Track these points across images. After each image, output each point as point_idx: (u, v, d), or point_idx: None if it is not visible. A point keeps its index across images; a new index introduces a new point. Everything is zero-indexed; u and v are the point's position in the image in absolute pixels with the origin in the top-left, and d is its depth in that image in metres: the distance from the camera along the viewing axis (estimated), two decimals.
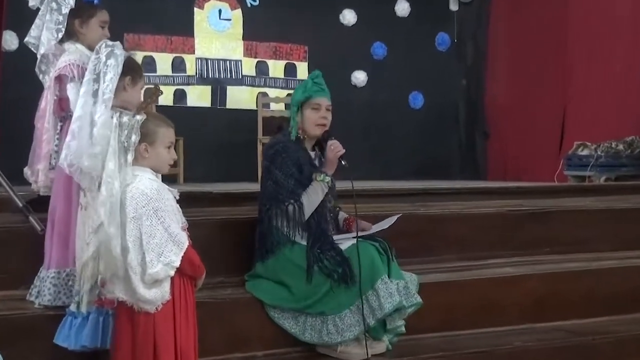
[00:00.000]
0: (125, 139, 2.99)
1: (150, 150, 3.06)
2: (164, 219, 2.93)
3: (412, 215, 4.47)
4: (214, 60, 7.49)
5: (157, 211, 2.93)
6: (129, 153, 3.00)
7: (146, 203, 2.92)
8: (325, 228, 3.81)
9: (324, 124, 3.88)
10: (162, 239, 2.92)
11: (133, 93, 3.36)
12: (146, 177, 3.01)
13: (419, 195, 4.91)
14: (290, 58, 7.82)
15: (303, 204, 3.75)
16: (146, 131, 3.04)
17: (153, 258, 2.90)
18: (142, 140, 3.02)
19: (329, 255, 3.67)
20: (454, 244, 4.58)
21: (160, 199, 2.96)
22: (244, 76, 7.61)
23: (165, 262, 2.91)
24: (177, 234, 2.96)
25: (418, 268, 4.14)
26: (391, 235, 3.91)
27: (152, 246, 2.90)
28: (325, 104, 3.89)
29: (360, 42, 8.06)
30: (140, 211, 2.92)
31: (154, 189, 2.97)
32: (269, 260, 3.78)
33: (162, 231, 2.92)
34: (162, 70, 7.24)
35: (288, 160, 3.79)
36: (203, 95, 7.44)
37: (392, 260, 3.74)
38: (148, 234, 2.90)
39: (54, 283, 3.40)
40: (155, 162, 3.08)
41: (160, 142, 3.09)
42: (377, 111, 8.10)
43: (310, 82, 3.90)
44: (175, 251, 2.94)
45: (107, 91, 3.14)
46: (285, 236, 3.75)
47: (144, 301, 2.92)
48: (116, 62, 3.21)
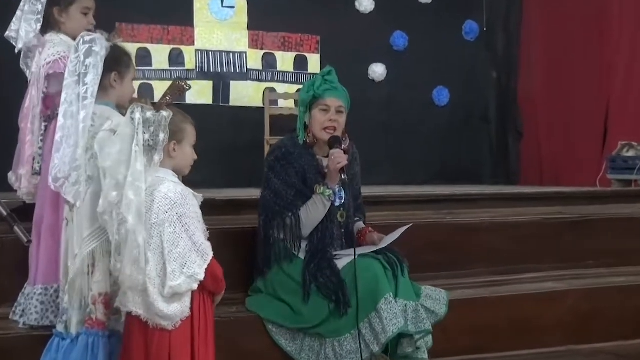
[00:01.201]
0: (151, 137, 3.00)
1: (178, 149, 3.09)
2: (188, 227, 2.96)
3: (438, 225, 4.48)
4: (215, 53, 7.50)
5: (182, 217, 2.96)
6: (156, 153, 3.01)
7: (170, 208, 2.95)
8: (327, 244, 3.81)
9: (332, 128, 3.86)
10: (185, 249, 2.94)
11: (123, 89, 3.38)
12: (169, 180, 3.04)
13: (446, 202, 4.92)
14: (301, 50, 7.82)
15: (301, 217, 3.76)
16: (175, 128, 3.08)
17: (175, 269, 2.92)
18: (170, 139, 3.05)
19: (325, 275, 3.67)
20: (485, 256, 4.58)
21: (185, 204, 2.99)
22: (249, 70, 7.61)
23: (188, 274, 2.94)
24: (201, 243, 2.99)
25: (445, 283, 4.14)
26: (414, 247, 3.91)
27: (174, 256, 2.93)
28: (335, 105, 3.87)
29: (379, 32, 8.05)
30: (162, 217, 2.94)
31: (179, 192, 3.00)
32: (267, 275, 3.82)
33: (187, 240, 2.95)
34: (158, 63, 7.25)
35: (289, 168, 3.80)
36: (203, 92, 7.44)
37: (401, 276, 3.70)
38: (171, 242, 2.93)
39: (41, 300, 3.40)
40: (181, 162, 3.13)
41: (188, 140, 3.15)
42: (398, 109, 8.08)
43: (320, 79, 3.89)
44: (199, 263, 2.97)
45: (89, 95, 3.17)
46: (283, 250, 3.78)
47: (162, 316, 2.94)
48: (95, 60, 3.22)
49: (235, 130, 7.43)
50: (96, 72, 3.21)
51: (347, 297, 3.59)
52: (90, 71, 3.20)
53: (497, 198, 5.15)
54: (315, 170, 3.86)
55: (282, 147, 3.89)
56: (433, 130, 8.19)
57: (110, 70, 3.30)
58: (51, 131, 3.48)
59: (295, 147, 3.87)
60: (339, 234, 3.92)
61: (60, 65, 3.46)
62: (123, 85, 3.37)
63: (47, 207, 3.43)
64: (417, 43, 8.17)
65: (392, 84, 8.12)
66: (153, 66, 7.23)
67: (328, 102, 3.86)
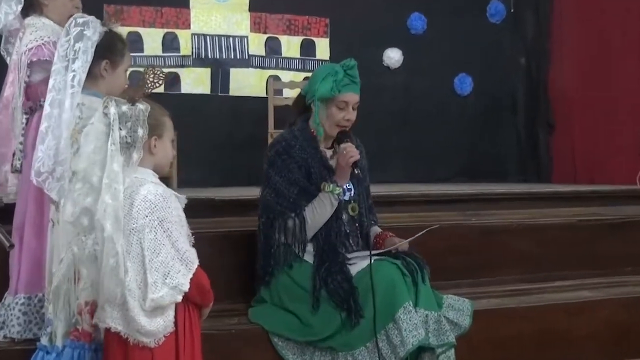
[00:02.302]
0: (128, 134, 3.00)
1: (159, 144, 3.09)
2: (170, 232, 2.95)
3: (461, 227, 4.49)
4: (213, 37, 7.50)
5: (163, 222, 2.95)
6: (135, 150, 3.01)
7: (150, 212, 2.94)
8: (335, 244, 3.82)
9: (345, 126, 3.91)
10: (168, 257, 2.93)
11: (114, 79, 3.39)
12: (149, 180, 3.03)
13: (470, 202, 4.93)
14: (308, 33, 7.82)
15: (306, 218, 3.77)
16: (154, 122, 3.07)
17: (157, 279, 2.91)
18: (150, 134, 3.04)
19: (336, 280, 3.68)
20: (513, 262, 4.59)
21: (167, 207, 2.98)
22: (251, 56, 7.61)
23: (171, 285, 2.93)
24: (185, 250, 2.98)
25: (469, 292, 4.16)
26: (435, 252, 3.91)
27: (156, 265, 2.91)
28: (353, 101, 3.90)
29: (394, 13, 8.04)
30: (142, 222, 2.93)
31: (159, 194, 2.99)
32: (270, 282, 3.83)
33: (169, 247, 2.94)
34: (150, 49, 7.26)
35: (291, 163, 3.82)
36: (201, 80, 7.45)
37: (422, 282, 3.70)
38: (152, 250, 2.92)
39: (24, 311, 3.42)
40: (162, 159, 3.12)
41: (167, 134, 3.13)
42: (415, 98, 8.08)
43: (342, 73, 3.89)
44: (183, 272, 2.95)
45: (75, 83, 3.20)
46: (284, 254, 3.79)
47: (143, 332, 2.93)
48: (86, 45, 3.24)
49: (236, 122, 7.43)
50: (85, 59, 3.22)
51: (359, 306, 3.60)
52: (79, 57, 3.21)
53: (526, 197, 5.16)
54: (320, 164, 3.88)
55: (282, 140, 3.91)
56: (454, 122, 8.18)
57: (101, 57, 3.31)
58: (33, 124, 3.49)
59: (295, 139, 3.90)
60: (353, 230, 3.93)
61: (44, 51, 3.47)
62: (114, 76, 3.38)
63: (30, 207, 3.45)
64: (437, 26, 8.16)
65: (409, 71, 8.11)
66: (145, 52, 7.24)
67: (347, 98, 3.88)
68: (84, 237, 3.00)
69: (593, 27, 7.70)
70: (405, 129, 8.03)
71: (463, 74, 8.32)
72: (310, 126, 3.92)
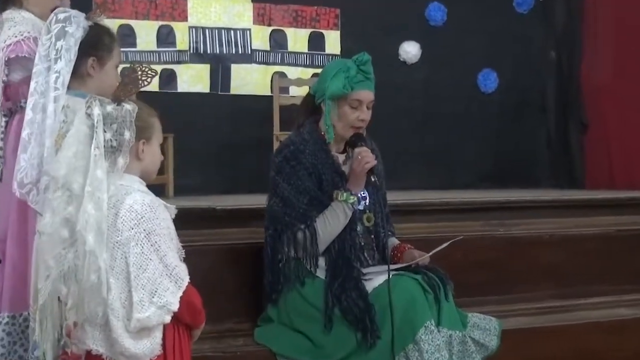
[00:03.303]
0: (113, 137, 2.99)
1: (147, 149, 3.09)
2: (158, 246, 2.94)
3: (488, 238, 4.48)
4: (213, 30, 7.51)
5: (151, 235, 2.94)
6: (121, 155, 3.00)
7: (136, 223, 2.93)
8: (350, 257, 3.81)
9: (360, 128, 3.91)
10: (155, 273, 2.92)
11: (103, 77, 3.39)
12: (135, 188, 3.02)
13: (496, 210, 4.92)
14: (317, 26, 7.82)
15: (317, 230, 3.77)
16: (142, 124, 3.06)
17: (144, 298, 2.90)
18: (138, 137, 3.03)
19: (350, 297, 3.68)
20: (545, 276, 4.59)
21: (155, 219, 2.97)
22: (254, 51, 7.62)
23: (159, 304, 2.92)
24: (174, 266, 2.97)
25: (496, 310, 4.15)
26: (458, 266, 3.91)
27: (142, 282, 2.91)
28: (367, 100, 3.91)
29: (411, 3, 8.03)
30: (127, 234, 2.92)
31: (146, 204, 2.98)
32: (279, 300, 3.83)
33: (157, 262, 2.93)
34: (143, 44, 7.26)
35: (300, 169, 3.82)
36: (199, 77, 7.45)
37: (445, 300, 3.71)
38: (138, 266, 2.91)
39: (8, 331, 3.42)
40: (150, 164, 3.12)
41: (156, 137, 3.13)
42: (435, 97, 8.07)
43: (355, 68, 3.89)
44: (172, 290, 2.95)
45: (59, 85, 3.21)
46: (295, 270, 3.79)
47: (128, 355, 2.92)
48: (68, 43, 3.24)
49: (238, 124, 7.43)
50: (69, 58, 3.22)
51: (376, 326, 3.60)
52: (62, 56, 3.22)
53: (559, 205, 5.15)
54: (331, 170, 3.89)
55: (290, 144, 3.92)
56: (478, 123, 8.17)
57: (87, 55, 3.31)
58: (13, 127, 3.50)
59: (305, 143, 3.90)
60: (368, 242, 3.93)
61: (23, 47, 3.48)
62: (103, 74, 3.39)
63: (13, 218, 3.45)
64: (458, 16, 8.16)
65: (428, 67, 8.10)
66: (137, 47, 7.24)
67: (361, 96, 3.88)
68: (64, 251, 2.99)
69: (630, 16, 7.69)
70: (424, 130, 8.02)
71: (487, 69, 8.31)
72: (321, 128, 3.92)
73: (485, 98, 8.32)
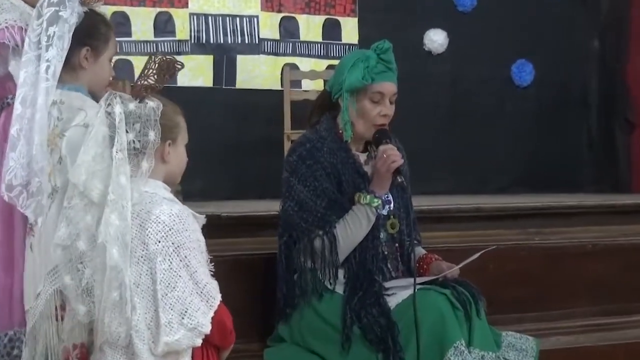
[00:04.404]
0: (136, 138, 3.00)
1: (173, 150, 3.10)
2: (188, 261, 2.96)
3: (524, 248, 4.48)
4: (216, 17, 7.52)
5: (180, 248, 2.95)
6: (145, 158, 3.01)
7: (163, 236, 2.94)
8: (371, 269, 3.81)
9: (382, 125, 3.91)
10: (185, 291, 2.94)
11: (97, 70, 3.41)
12: (161, 195, 3.03)
13: (533, 217, 4.93)
14: (332, 12, 7.83)
15: (337, 237, 3.77)
16: (168, 123, 3.07)
17: (172, 319, 2.91)
18: (163, 138, 3.04)
19: (371, 314, 3.68)
20: (588, 290, 4.58)
21: (184, 231, 2.98)
22: (263, 40, 7.63)
23: (190, 326, 2.93)
24: (205, 283, 2.99)
25: (533, 328, 4.17)
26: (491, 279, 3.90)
27: (171, 301, 2.92)
28: (390, 93, 3.90)
29: None
30: (154, 248, 2.93)
31: (174, 214, 2.99)
32: (291, 317, 3.84)
33: (187, 279, 2.95)
34: (139, 33, 7.28)
35: (318, 169, 3.83)
36: (201, 70, 7.47)
37: (476, 317, 3.70)
38: (166, 283, 2.92)
39: None
40: (176, 167, 3.15)
41: (182, 138, 3.16)
42: (463, 91, 8.08)
43: (375, 58, 3.89)
44: (203, 310, 2.97)
45: (49, 76, 3.20)
46: (313, 282, 3.79)
47: None
48: (62, 30, 3.24)
49: (244, 122, 7.44)
50: (62, 46, 3.22)
51: (399, 346, 3.59)
52: (53, 43, 3.22)
53: (602, 212, 5.14)
54: (352, 170, 3.89)
55: (306, 142, 3.92)
56: (512, 120, 8.18)
57: (81, 44, 3.32)
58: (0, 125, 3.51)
59: (322, 140, 3.90)
60: (392, 251, 3.93)
61: (6, 35, 3.48)
62: (97, 66, 3.39)
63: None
64: (490, 1, 8.16)
65: (456, 58, 8.10)
66: (133, 36, 7.26)
67: (383, 88, 3.88)
68: (81, 265, 2.99)
69: None
70: (452, 128, 8.02)
71: (522, 60, 8.31)
72: (339, 125, 3.92)
73: (520, 92, 8.31)
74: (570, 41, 8.37)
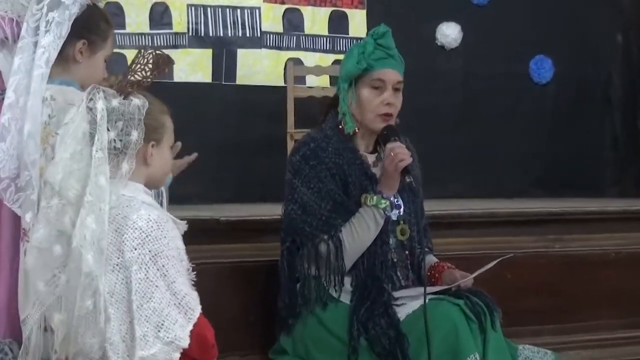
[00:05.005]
0: (118, 137, 2.98)
1: (156, 152, 3.08)
2: (166, 270, 2.94)
3: (542, 256, 4.48)
4: (216, 9, 7.52)
5: (157, 257, 2.93)
6: (126, 159, 2.99)
7: (140, 243, 2.92)
8: (380, 277, 3.81)
9: (388, 114, 3.88)
10: (162, 302, 2.92)
11: (91, 66, 3.41)
12: (140, 200, 3.02)
13: (551, 223, 4.93)
14: (338, 4, 7.83)
15: (343, 241, 3.77)
16: (153, 123, 3.06)
17: (148, 332, 2.90)
18: (147, 138, 3.02)
19: (379, 325, 3.67)
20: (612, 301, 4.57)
21: (162, 238, 2.96)
22: (265, 33, 7.63)
23: (166, 340, 2.91)
24: (184, 294, 2.96)
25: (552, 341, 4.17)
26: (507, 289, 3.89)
27: (147, 313, 2.90)
28: (393, 80, 3.89)
29: None
30: (129, 256, 2.92)
31: (153, 220, 2.97)
32: (294, 328, 3.83)
33: (164, 289, 2.93)
34: (134, 25, 7.28)
35: (322, 170, 3.83)
36: (199, 65, 7.47)
37: (491, 329, 3.70)
38: (142, 294, 2.90)
39: None
40: (159, 170, 3.13)
41: (167, 139, 3.14)
42: (478, 88, 8.07)
43: (372, 43, 3.90)
44: (181, 322, 2.94)
45: (42, 63, 3.20)
46: (317, 290, 3.80)
47: None
48: (62, 17, 3.24)
49: (245, 120, 7.44)
50: (59, 33, 3.23)
51: (409, 359, 3.59)
52: (51, 30, 3.22)
53: (626, 217, 5.14)
54: (359, 171, 3.89)
55: (310, 141, 3.93)
56: (530, 119, 8.18)
57: (78, 36, 3.32)
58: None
59: (328, 140, 3.90)
60: (401, 259, 3.93)
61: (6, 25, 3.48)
62: (91, 62, 3.40)
63: None
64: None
65: (470, 53, 8.11)
66: (127, 29, 7.26)
67: (383, 75, 3.87)
68: (57, 271, 2.98)
69: None
70: (466, 127, 8.01)
71: (541, 55, 8.31)
72: None
73: (538, 90, 8.31)
74: (592, 35, 8.37)
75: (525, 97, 8.21)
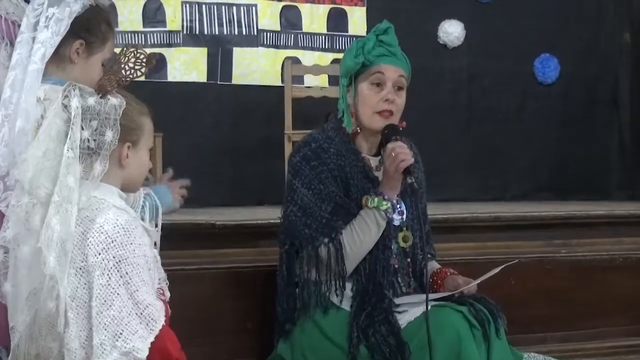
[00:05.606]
0: (92, 136, 2.98)
1: (132, 154, 3.08)
2: (129, 278, 2.92)
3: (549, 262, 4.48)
4: (211, 6, 7.52)
5: (121, 263, 2.91)
6: (99, 160, 2.99)
7: (104, 248, 2.91)
8: (382, 283, 3.81)
9: (387, 111, 3.88)
10: (122, 311, 2.90)
11: (87, 68, 3.42)
12: (110, 203, 3.01)
13: (558, 227, 4.92)
14: (338, 1, 7.82)
15: (344, 244, 3.77)
16: (130, 124, 3.05)
17: (105, 340, 2.88)
18: (122, 139, 3.02)
19: (379, 332, 3.67)
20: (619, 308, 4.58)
21: (128, 244, 2.94)
22: (262, 31, 7.63)
23: (123, 350, 2.89)
24: (147, 304, 2.94)
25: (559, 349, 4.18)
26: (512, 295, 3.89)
27: (106, 321, 2.88)
28: (393, 77, 3.89)
29: None
30: (93, 260, 2.91)
31: (120, 225, 2.95)
32: (292, 333, 3.83)
33: (125, 298, 2.90)
34: (127, 23, 7.28)
35: (323, 171, 3.83)
36: (194, 64, 7.47)
37: (495, 337, 3.69)
38: (102, 300, 2.89)
39: None
40: (135, 174, 3.12)
41: (145, 141, 3.12)
42: (482, 88, 8.08)
43: (373, 39, 3.91)
44: (141, 333, 2.92)
45: (37, 59, 3.20)
46: (316, 296, 3.79)
47: None
48: (62, 13, 3.25)
49: (241, 121, 7.44)
50: (57, 30, 3.23)
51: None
52: (50, 25, 3.22)
53: (635, 222, 5.13)
54: (361, 174, 3.89)
55: (312, 142, 3.92)
56: (535, 120, 8.18)
57: (76, 35, 3.32)
58: None
59: (329, 141, 3.90)
60: (403, 265, 3.92)
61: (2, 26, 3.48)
62: (88, 64, 3.40)
63: None
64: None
65: (474, 51, 8.11)
66: (120, 27, 7.24)
67: (383, 72, 3.87)
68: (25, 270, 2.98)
69: None
70: (469, 129, 8.03)
71: (546, 54, 8.30)
72: None
73: (543, 90, 8.31)
74: (599, 34, 8.37)
75: (530, 98, 8.20)
